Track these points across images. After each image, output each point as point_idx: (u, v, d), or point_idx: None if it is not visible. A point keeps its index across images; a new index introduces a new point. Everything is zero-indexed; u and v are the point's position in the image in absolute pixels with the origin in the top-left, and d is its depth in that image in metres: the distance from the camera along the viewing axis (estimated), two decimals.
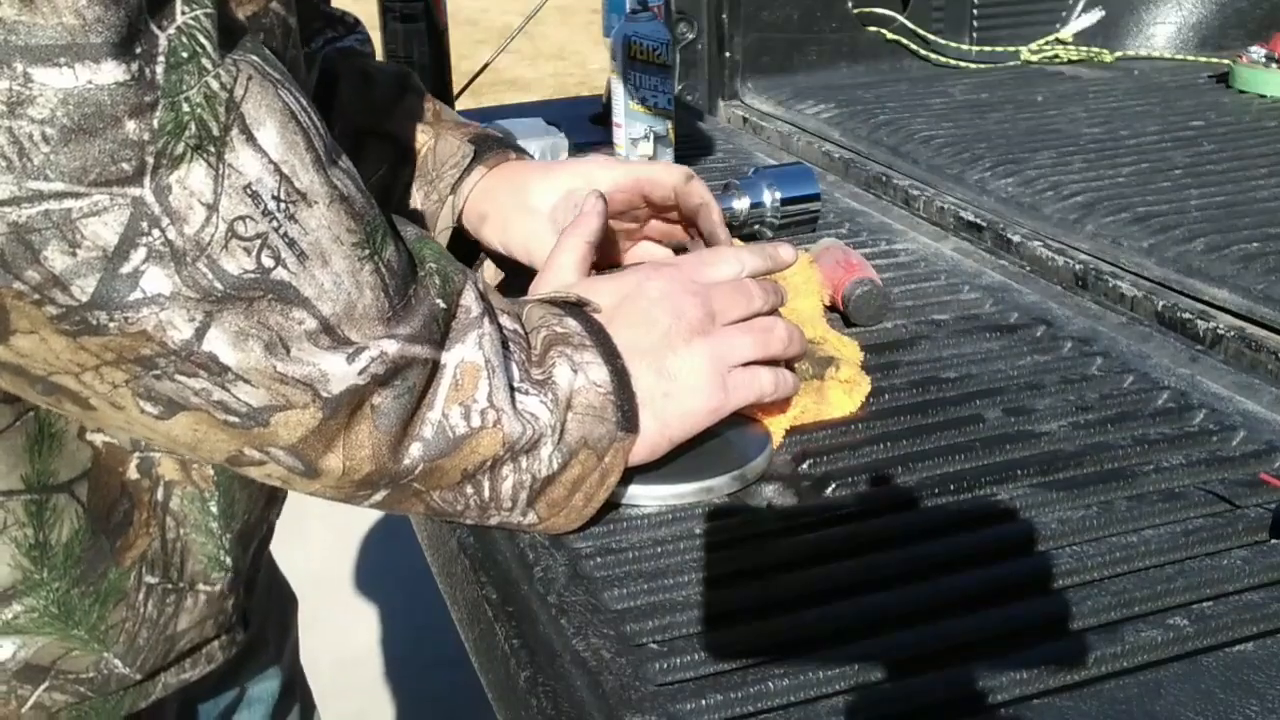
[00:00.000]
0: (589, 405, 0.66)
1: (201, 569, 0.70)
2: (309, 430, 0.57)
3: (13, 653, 0.64)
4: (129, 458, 0.64)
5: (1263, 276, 1.02)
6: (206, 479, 0.68)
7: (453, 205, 0.91)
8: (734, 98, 1.74)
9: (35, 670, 0.65)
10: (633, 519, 0.74)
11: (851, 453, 0.81)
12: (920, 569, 0.69)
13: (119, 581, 0.66)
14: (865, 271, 1.03)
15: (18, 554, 0.62)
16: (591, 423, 0.66)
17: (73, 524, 0.63)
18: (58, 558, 0.63)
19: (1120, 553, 0.70)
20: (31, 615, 0.64)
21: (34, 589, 0.63)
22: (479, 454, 0.62)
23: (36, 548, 0.63)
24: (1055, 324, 1.02)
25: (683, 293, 0.73)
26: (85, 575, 0.64)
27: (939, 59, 1.83)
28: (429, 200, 0.91)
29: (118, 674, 0.68)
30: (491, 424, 0.62)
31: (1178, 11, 1.90)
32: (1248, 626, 0.64)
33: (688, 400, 0.71)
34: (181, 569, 0.69)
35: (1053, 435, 0.83)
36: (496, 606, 0.69)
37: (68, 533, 0.63)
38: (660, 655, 0.62)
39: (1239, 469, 0.79)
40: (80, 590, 0.65)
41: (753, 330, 0.74)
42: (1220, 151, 1.37)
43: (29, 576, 0.63)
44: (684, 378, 0.71)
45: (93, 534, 0.64)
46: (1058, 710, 0.58)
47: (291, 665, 0.99)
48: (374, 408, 0.58)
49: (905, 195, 1.34)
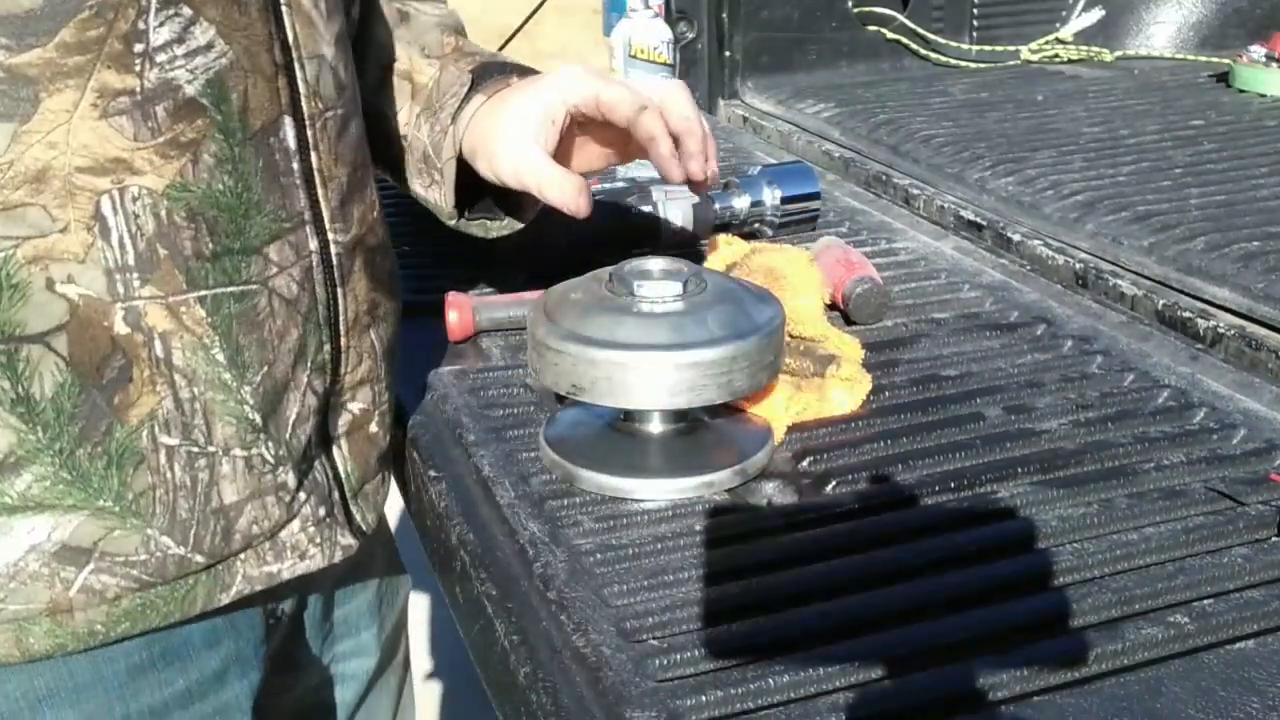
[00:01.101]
0: None
1: (233, 432, 0.69)
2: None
3: (47, 533, 0.64)
4: (112, 310, 0.63)
5: (1263, 275, 1.02)
6: (201, 323, 0.66)
7: (453, 136, 0.87)
8: (734, 97, 1.74)
9: (75, 551, 0.65)
10: (633, 515, 0.74)
11: (852, 450, 0.81)
12: (920, 566, 0.69)
13: (129, 442, 0.65)
14: (866, 270, 1.03)
15: (2, 411, 0.62)
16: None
17: (55, 377, 0.63)
18: (47, 415, 0.63)
19: (1121, 550, 0.70)
20: (44, 484, 0.64)
21: (36, 453, 0.63)
22: None
23: (20, 402, 0.62)
24: (1055, 322, 1.02)
25: None
26: (86, 434, 0.64)
27: (939, 58, 1.83)
28: (434, 132, 0.88)
29: (173, 555, 0.67)
30: None
31: (1178, 11, 1.90)
32: (1248, 624, 0.64)
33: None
34: (208, 432, 0.68)
35: (1053, 433, 0.83)
36: (496, 602, 0.68)
37: (51, 387, 0.63)
38: (660, 651, 0.62)
39: (1239, 467, 0.79)
40: (86, 451, 0.64)
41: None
42: (1220, 151, 1.37)
43: (23, 439, 0.63)
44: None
45: (82, 389, 0.63)
46: (1058, 708, 0.58)
47: (391, 650, 0.98)
48: None
49: (905, 194, 1.34)
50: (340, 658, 0.93)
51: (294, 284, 0.70)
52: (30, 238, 0.61)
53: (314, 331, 0.72)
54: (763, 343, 0.77)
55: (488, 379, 0.93)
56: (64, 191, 0.61)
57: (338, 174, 0.73)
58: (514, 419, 0.87)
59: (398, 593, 1.00)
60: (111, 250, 0.63)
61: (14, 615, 0.65)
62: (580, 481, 0.77)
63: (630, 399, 0.76)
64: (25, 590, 0.65)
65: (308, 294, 0.71)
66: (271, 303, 0.69)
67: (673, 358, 0.74)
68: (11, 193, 0.60)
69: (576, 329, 0.76)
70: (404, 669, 1.04)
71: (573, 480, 0.78)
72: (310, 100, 0.69)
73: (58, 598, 0.65)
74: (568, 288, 0.82)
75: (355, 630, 0.93)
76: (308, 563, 0.74)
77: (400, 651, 1.03)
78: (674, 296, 0.78)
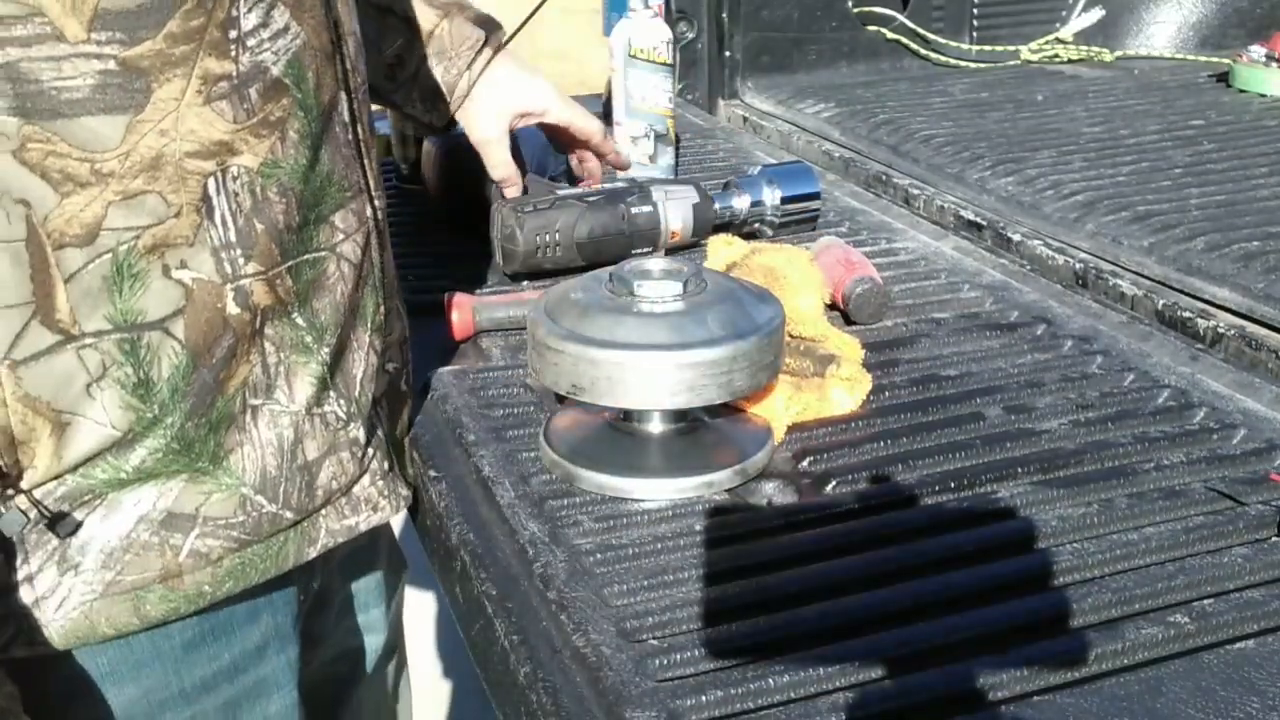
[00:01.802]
0: None
1: (311, 391, 0.73)
2: None
3: (153, 502, 0.68)
4: (224, 291, 0.67)
5: (1263, 275, 1.02)
6: (289, 291, 0.70)
7: (469, 78, 1.09)
8: (734, 97, 1.74)
9: (180, 518, 0.68)
10: (633, 515, 0.74)
11: (852, 450, 0.81)
12: (920, 566, 0.69)
13: (226, 408, 0.69)
14: (866, 270, 1.03)
15: (124, 394, 0.65)
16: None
17: (172, 360, 0.66)
18: (163, 394, 0.66)
19: (1121, 550, 0.70)
20: (156, 456, 0.67)
21: (150, 429, 0.67)
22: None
23: (141, 385, 0.66)
24: (1055, 322, 1.02)
25: None
26: (196, 409, 0.68)
27: (939, 58, 1.83)
28: (448, 74, 1.08)
29: (266, 513, 0.71)
30: None
31: (1178, 11, 1.90)
32: (1248, 624, 0.64)
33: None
34: (290, 392, 0.72)
35: (1053, 433, 0.83)
36: (496, 602, 0.68)
37: (168, 369, 0.66)
38: (660, 651, 0.62)
39: (1240, 467, 0.79)
40: (194, 424, 0.68)
41: None
42: (1220, 151, 1.37)
43: (141, 417, 0.66)
44: None
45: (194, 368, 0.67)
46: (1058, 707, 0.58)
47: (395, 630, 1.03)
48: None
49: (905, 194, 1.34)
50: (351, 633, 0.96)
51: (358, 249, 0.75)
52: (149, 226, 0.64)
53: (372, 293, 0.77)
54: (763, 343, 0.77)
55: (488, 379, 0.93)
56: (176, 177, 0.64)
57: (373, 144, 0.78)
58: (514, 419, 0.87)
59: (398, 577, 1.03)
60: (216, 229, 0.66)
61: (131, 585, 0.68)
62: (580, 481, 0.77)
63: (630, 399, 0.76)
64: (140, 560, 0.68)
65: (368, 258, 0.76)
66: (341, 267, 0.74)
67: (673, 358, 0.74)
68: (131, 181, 0.63)
69: (577, 329, 0.76)
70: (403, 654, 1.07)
71: (573, 480, 0.78)
72: (354, 75, 0.74)
73: (169, 564, 0.69)
74: (568, 288, 0.82)
75: (365, 607, 0.97)
76: (380, 514, 0.78)
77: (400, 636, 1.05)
78: (674, 296, 0.78)
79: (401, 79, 1.08)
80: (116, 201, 0.62)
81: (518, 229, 1.07)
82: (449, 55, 1.08)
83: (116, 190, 0.62)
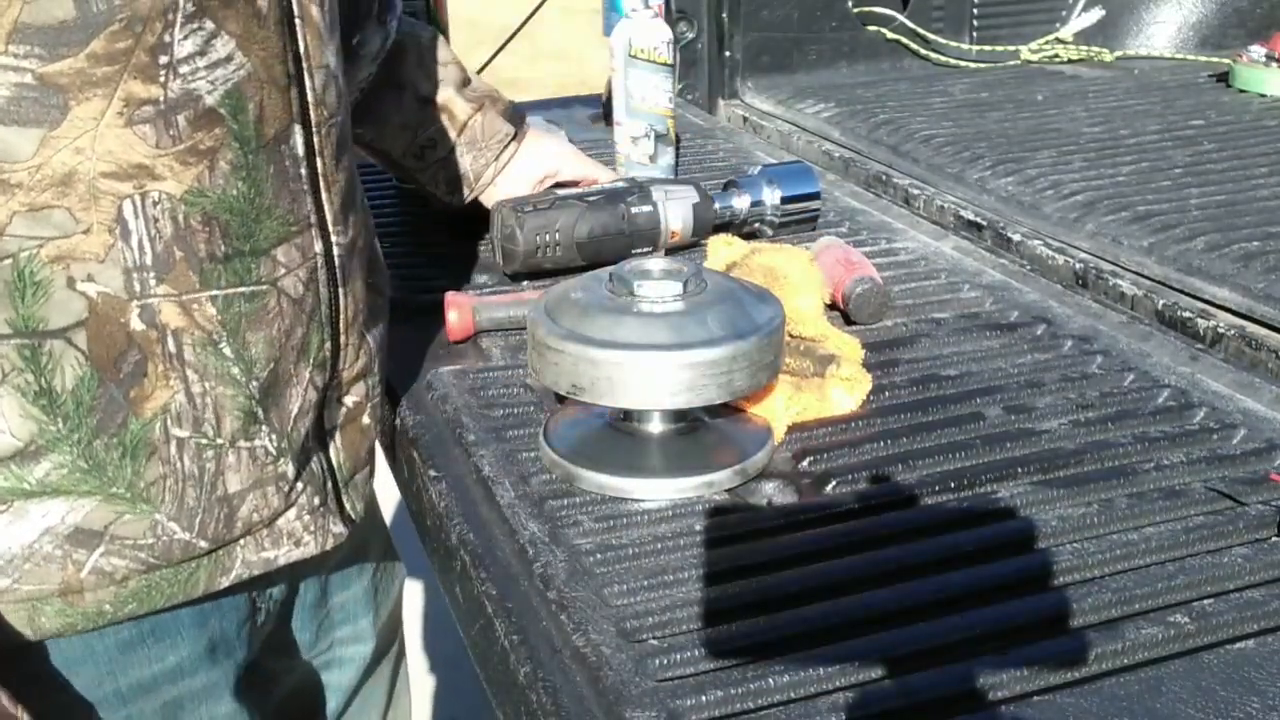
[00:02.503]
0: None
1: (239, 425, 0.71)
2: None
3: (61, 516, 0.67)
4: (128, 307, 0.66)
5: (1263, 275, 1.02)
6: (212, 320, 0.69)
7: (494, 169, 1.16)
8: (734, 97, 1.74)
9: (87, 534, 0.68)
10: (633, 514, 0.74)
11: (852, 450, 0.81)
12: (920, 566, 0.69)
13: (143, 434, 0.68)
14: (865, 270, 1.03)
15: (25, 403, 0.65)
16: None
17: (75, 371, 0.65)
18: (67, 406, 0.65)
19: (1121, 550, 0.70)
20: (62, 471, 0.66)
21: (55, 443, 0.66)
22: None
23: (43, 395, 0.65)
24: (1055, 322, 1.02)
25: None
26: (104, 425, 0.66)
27: (939, 58, 1.83)
28: (476, 163, 1.16)
29: (179, 540, 0.70)
30: None
31: (1178, 11, 1.90)
32: (1249, 624, 0.64)
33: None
34: (217, 425, 0.70)
35: (1053, 433, 0.83)
36: (496, 602, 0.68)
37: (71, 380, 0.65)
38: (660, 651, 0.62)
39: (1240, 467, 0.79)
40: (103, 442, 0.67)
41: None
42: (1220, 151, 1.37)
43: (44, 429, 0.65)
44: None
45: (100, 383, 0.66)
46: (1058, 707, 0.58)
47: (389, 636, 1.02)
48: None
49: (905, 194, 1.34)
50: (338, 643, 0.96)
51: (300, 284, 0.73)
52: (54, 238, 0.63)
53: (317, 329, 0.75)
54: (763, 342, 0.77)
55: (488, 379, 0.93)
56: (88, 195, 0.63)
57: (338, 178, 0.75)
58: (514, 419, 0.87)
59: (393, 581, 1.02)
60: (130, 251, 0.65)
61: (28, 595, 0.68)
62: (580, 481, 0.77)
63: (630, 399, 0.76)
64: (39, 571, 0.67)
65: (312, 294, 0.74)
66: (280, 302, 0.72)
67: (673, 357, 0.74)
68: (39, 195, 0.62)
69: (577, 329, 0.76)
70: (400, 656, 1.06)
71: (573, 480, 0.78)
72: (317, 109, 0.72)
73: (69, 579, 0.68)
74: (568, 288, 0.82)
75: (352, 617, 0.96)
76: (302, 549, 0.77)
77: (396, 639, 1.05)
78: (674, 296, 0.78)
79: (430, 160, 1.15)
80: (22, 212, 0.62)
81: (518, 229, 1.07)
82: (479, 146, 1.15)
83: (23, 201, 0.62)
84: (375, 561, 0.98)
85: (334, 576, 0.92)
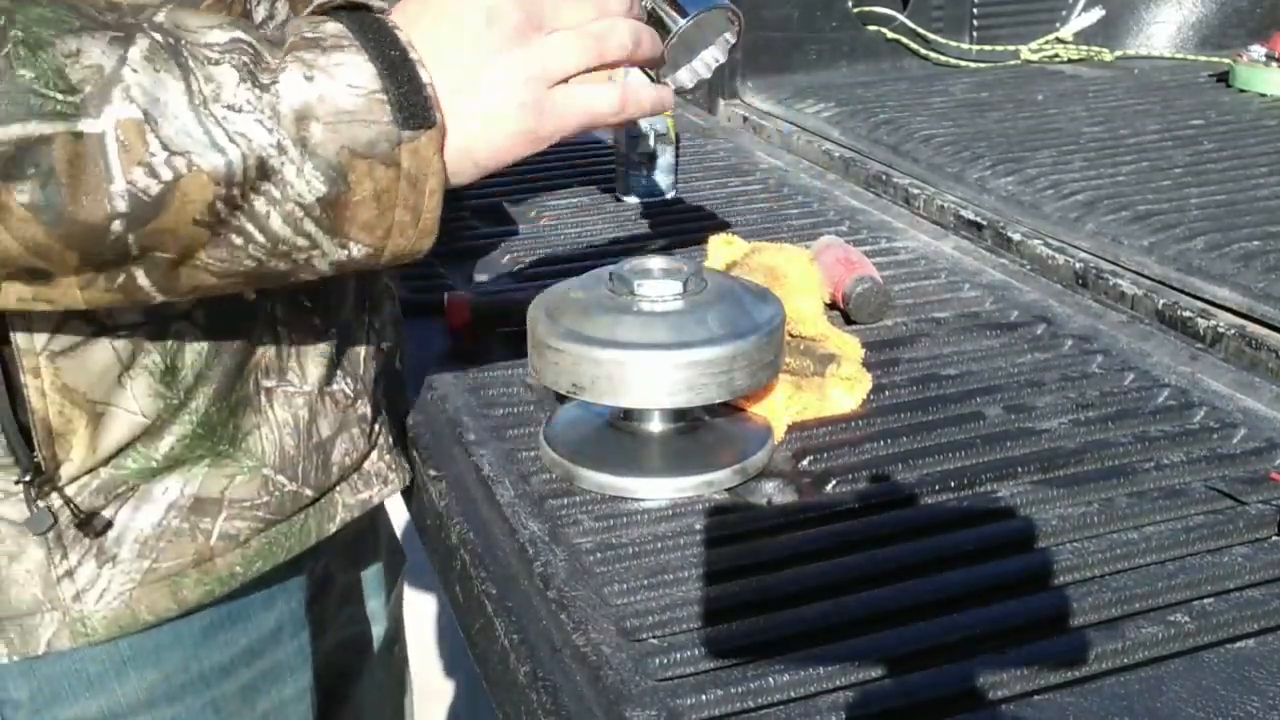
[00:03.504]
0: (340, 111, 0.58)
1: (321, 371, 0.75)
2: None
3: (180, 489, 0.70)
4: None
5: (1263, 274, 1.02)
6: None
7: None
8: (734, 96, 1.74)
9: (207, 503, 0.71)
10: (633, 514, 0.74)
11: (852, 449, 0.81)
12: (920, 565, 0.69)
13: (242, 390, 0.72)
14: (866, 269, 1.03)
15: (152, 381, 0.68)
16: (352, 129, 0.58)
17: (195, 345, 0.69)
18: (187, 379, 0.69)
19: (1121, 549, 0.70)
20: (184, 442, 0.70)
21: (176, 413, 0.69)
22: (194, 201, 0.56)
23: (168, 372, 0.68)
24: (1055, 322, 1.02)
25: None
26: (219, 392, 0.70)
27: (939, 58, 1.83)
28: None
29: (288, 492, 0.74)
30: (185, 169, 0.56)
31: (1178, 11, 1.90)
32: (1249, 623, 0.64)
33: (496, 126, 0.62)
34: (303, 373, 0.75)
35: (1053, 432, 0.83)
36: (496, 601, 0.68)
37: (190, 355, 0.68)
38: (660, 650, 0.62)
39: (1240, 466, 0.79)
40: (217, 407, 0.70)
41: (582, 35, 0.64)
42: (1220, 150, 1.37)
43: (169, 403, 0.68)
44: (488, 96, 0.62)
45: (217, 353, 0.70)
46: (1059, 706, 0.58)
47: (394, 624, 1.04)
48: (28, 206, 0.54)
49: (905, 194, 1.34)
50: (354, 621, 0.97)
51: None
52: None
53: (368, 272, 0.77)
54: (763, 342, 0.77)
55: (488, 379, 0.93)
56: None
57: None
58: (514, 419, 0.87)
59: (398, 568, 1.04)
60: None
61: (167, 571, 0.70)
62: (580, 481, 0.77)
63: (630, 398, 0.76)
64: (173, 547, 0.70)
65: None
66: None
67: (673, 357, 0.74)
68: None
69: (577, 328, 0.76)
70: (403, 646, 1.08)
71: (573, 479, 0.78)
72: None
73: (201, 549, 0.71)
74: (568, 287, 0.82)
75: (367, 597, 0.98)
76: (390, 487, 0.81)
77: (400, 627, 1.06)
78: (674, 295, 0.78)
79: None
80: None
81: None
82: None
83: None
84: (384, 546, 1.00)
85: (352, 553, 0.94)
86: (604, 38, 0.64)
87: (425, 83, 0.60)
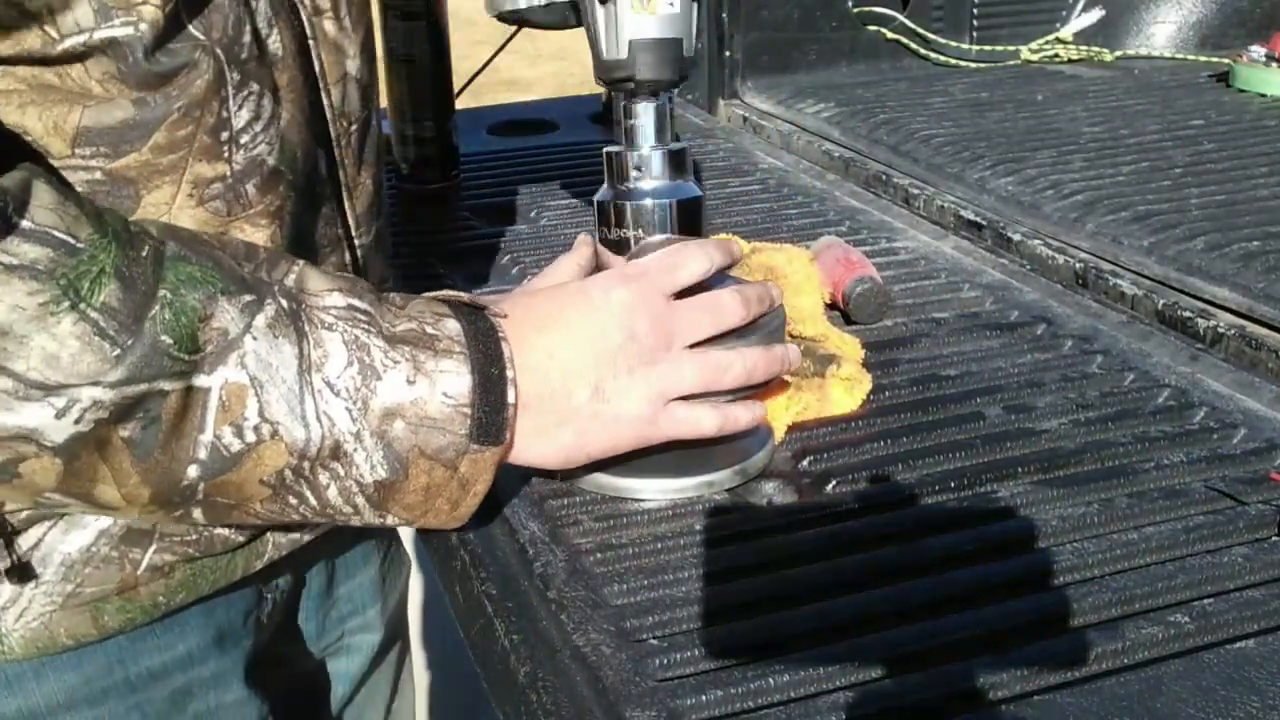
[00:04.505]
0: (424, 416, 0.63)
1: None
2: (60, 473, 0.58)
3: (113, 518, 0.69)
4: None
5: (1263, 275, 1.02)
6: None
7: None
8: (734, 97, 1.74)
9: (138, 534, 0.70)
10: (633, 514, 0.74)
11: (852, 450, 0.81)
12: (920, 565, 0.69)
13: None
14: (866, 269, 1.03)
15: None
16: (428, 433, 0.63)
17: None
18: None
19: (1121, 550, 0.70)
20: None
21: None
22: (267, 465, 0.61)
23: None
24: (1055, 322, 1.02)
25: (644, 309, 0.70)
26: None
27: (939, 58, 1.83)
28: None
29: (219, 534, 0.72)
30: (269, 436, 0.60)
31: (1178, 11, 1.90)
32: (1249, 623, 0.64)
33: (614, 427, 0.70)
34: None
35: (1053, 433, 0.83)
36: (496, 602, 0.68)
37: None
38: (660, 651, 0.62)
39: (1240, 466, 0.79)
40: None
41: (705, 366, 0.72)
42: (1220, 150, 1.37)
43: None
44: (617, 403, 0.70)
45: None
46: (1058, 707, 0.58)
47: (395, 627, 1.03)
48: (126, 440, 0.58)
49: (905, 194, 1.34)
50: (347, 632, 0.97)
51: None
52: None
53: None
54: (763, 342, 0.76)
55: None
56: None
57: (361, 181, 0.78)
58: None
59: (399, 573, 1.03)
60: None
61: (90, 597, 0.70)
62: (580, 481, 0.77)
63: None
64: (99, 573, 0.69)
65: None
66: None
67: None
68: None
69: None
70: (405, 649, 1.07)
71: (573, 480, 0.78)
72: (336, 123, 0.74)
73: (127, 577, 0.70)
74: None
75: (360, 607, 0.97)
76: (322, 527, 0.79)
77: (402, 631, 1.06)
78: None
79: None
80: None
81: None
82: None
83: None
84: (382, 552, 0.99)
85: (340, 566, 0.93)
86: (723, 371, 0.72)
87: (509, 403, 0.66)
